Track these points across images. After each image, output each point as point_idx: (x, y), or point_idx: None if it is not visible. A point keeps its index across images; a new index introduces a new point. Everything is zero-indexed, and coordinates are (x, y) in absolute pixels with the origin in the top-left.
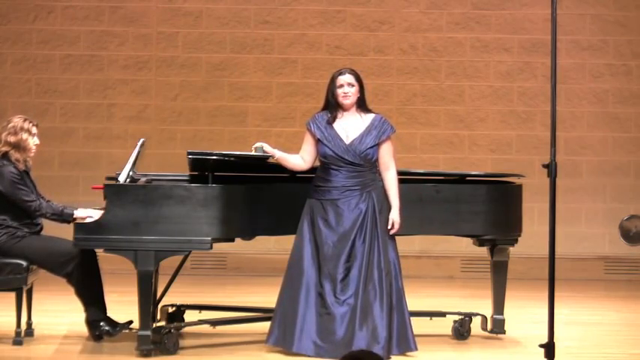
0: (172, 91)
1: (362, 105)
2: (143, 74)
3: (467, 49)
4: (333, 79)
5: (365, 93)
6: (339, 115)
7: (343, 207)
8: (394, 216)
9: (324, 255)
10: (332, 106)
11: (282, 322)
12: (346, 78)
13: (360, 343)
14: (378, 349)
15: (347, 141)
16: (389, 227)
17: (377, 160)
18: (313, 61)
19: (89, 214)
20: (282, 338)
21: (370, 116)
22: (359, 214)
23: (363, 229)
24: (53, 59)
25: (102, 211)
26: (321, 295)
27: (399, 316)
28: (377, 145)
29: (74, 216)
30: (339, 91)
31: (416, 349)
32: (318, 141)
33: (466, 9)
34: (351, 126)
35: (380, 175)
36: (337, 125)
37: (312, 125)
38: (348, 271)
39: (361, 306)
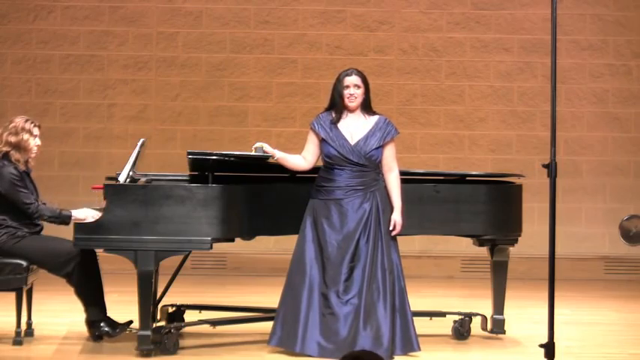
0: (172, 91)
1: (366, 106)
2: (143, 74)
3: (467, 49)
4: (339, 79)
5: (370, 94)
6: (344, 116)
7: (347, 207)
8: (396, 217)
9: (328, 255)
10: (337, 106)
11: (284, 323)
12: (353, 79)
13: (363, 342)
14: (382, 350)
15: (352, 141)
16: (390, 228)
17: (380, 161)
18: (313, 61)
19: (87, 214)
20: (285, 339)
21: (374, 118)
22: (363, 213)
23: (367, 229)
24: (53, 59)
25: (100, 212)
26: (324, 295)
27: (401, 316)
28: (381, 147)
29: (72, 217)
30: (346, 92)
31: (419, 349)
32: (322, 141)
33: (466, 9)
34: (355, 127)
35: (382, 175)
36: (341, 126)
37: (316, 125)
38: (351, 270)
39: (365, 306)
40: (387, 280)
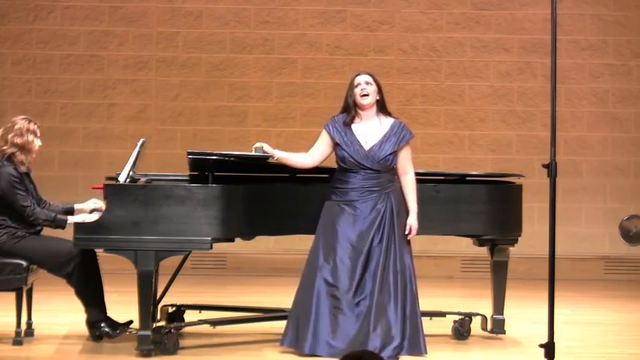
0: (172, 91)
1: (382, 108)
2: (143, 74)
3: (467, 49)
4: (351, 82)
5: (384, 96)
6: (358, 119)
7: (361, 208)
8: (412, 221)
9: (340, 256)
10: (350, 108)
11: (295, 324)
12: (363, 77)
13: (374, 343)
14: (389, 350)
15: (366, 147)
16: (406, 232)
17: (395, 165)
18: (313, 61)
19: (84, 218)
20: (295, 340)
21: (389, 121)
22: (377, 215)
23: (381, 231)
24: (53, 59)
25: (96, 216)
26: (335, 297)
27: (411, 319)
28: (395, 152)
29: (68, 222)
30: (357, 90)
31: (426, 352)
32: (336, 145)
33: (466, 9)
34: (370, 131)
35: (398, 177)
36: (356, 129)
37: (331, 128)
38: (363, 272)
39: (376, 307)
40: (399, 283)
